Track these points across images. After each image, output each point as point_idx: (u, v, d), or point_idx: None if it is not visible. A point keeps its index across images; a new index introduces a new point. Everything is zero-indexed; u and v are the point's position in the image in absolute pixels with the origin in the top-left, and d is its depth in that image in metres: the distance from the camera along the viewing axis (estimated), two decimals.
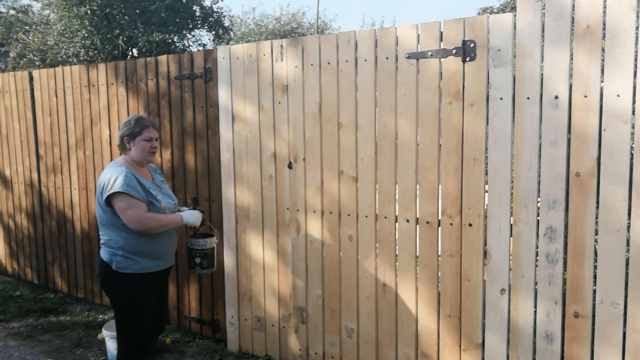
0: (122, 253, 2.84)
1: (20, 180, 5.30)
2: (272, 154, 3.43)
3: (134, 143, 2.94)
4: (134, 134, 2.95)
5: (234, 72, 3.55)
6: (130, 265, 2.84)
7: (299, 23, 21.17)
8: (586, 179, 2.44)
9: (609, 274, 2.43)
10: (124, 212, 2.79)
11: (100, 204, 2.89)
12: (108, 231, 2.90)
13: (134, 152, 2.95)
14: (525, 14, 2.51)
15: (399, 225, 3.00)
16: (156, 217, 2.88)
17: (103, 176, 2.91)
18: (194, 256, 3.14)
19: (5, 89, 5.28)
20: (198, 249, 3.13)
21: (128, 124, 2.98)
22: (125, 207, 2.78)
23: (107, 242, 2.90)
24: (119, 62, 4.31)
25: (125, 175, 2.83)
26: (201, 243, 3.13)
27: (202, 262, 3.15)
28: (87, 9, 9.41)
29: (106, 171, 2.93)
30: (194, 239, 3.14)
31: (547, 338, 2.60)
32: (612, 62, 2.34)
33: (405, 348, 3.03)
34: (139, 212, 2.80)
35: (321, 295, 3.34)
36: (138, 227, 2.80)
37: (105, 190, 2.82)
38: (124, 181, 2.80)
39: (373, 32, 2.96)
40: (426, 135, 2.83)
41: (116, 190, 2.78)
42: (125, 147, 2.96)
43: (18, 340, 4.12)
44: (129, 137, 2.95)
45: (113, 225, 2.88)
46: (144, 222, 2.81)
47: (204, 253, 3.14)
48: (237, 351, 3.78)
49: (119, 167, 2.89)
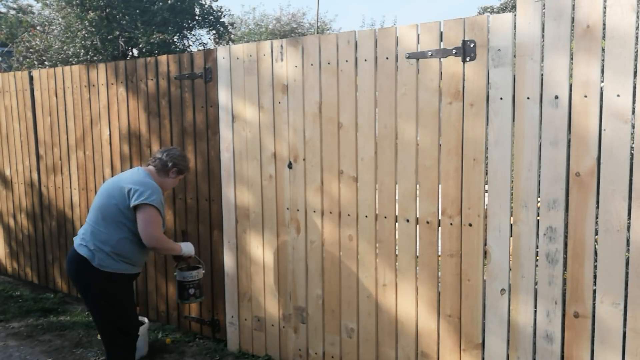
0: (108, 250, 2.94)
1: (20, 180, 5.30)
2: (272, 154, 3.43)
3: (175, 176, 3.23)
4: (181, 170, 3.25)
5: (234, 72, 3.55)
6: (111, 265, 2.96)
7: (299, 23, 21.18)
8: (586, 179, 2.43)
9: (609, 274, 2.43)
10: (147, 225, 2.95)
11: (119, 202, 2.97)
12: (107, 226, 2.97)
13: (170, 181, 3.22)
14: (525, 13, 2.51)
15: (399, 225, 2.99)
16: (168, 241, 3.15)
17: (135, 179, 3.05)
18: (187, 288, 3.33)
19: (5, 89, 5.28)
20: (191, 281, 3.34)
21: (185, 159, 3.28)
22: (151, 221, 2.96)
23: (97, 235, 2.95)
24: (119, 62, 4.31)
25: (160, 193, 3.07)
26: (194, 275, 3.34)
27: (196, 292, 3.36)
28: (87, 10, 9.41)
29: (139, 177, 3.08)
30: (186, 271, 3.34)
31: (547, 338, 2.60)
32: (612, 62, 2.34)
33: (405, 348, 3.03)
34: (159, 231, 3.01)
35: (321, 295, 3.34)
36: (152, 242, 2.98)
37: (138, 195, 2.94)
38: (159, 198, 3.02)
39: (373, 32, 2.96)
40: (426, 135, 2.83)
41: (150, 203, 2.95)
42: (167, 173, 3.19)
43: (18, 340, 4.12)
44: (177, 170, 3.21)
45: (116, 223, 2.97)
46: (160, 241, 3.03)
47: (196, 284, 3.36)
48: (237, 351, 3.78)
49: (152, 182, 3.08)
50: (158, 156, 3.21)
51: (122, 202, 2.97)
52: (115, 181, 3.10)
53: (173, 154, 3.20)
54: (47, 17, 11.46)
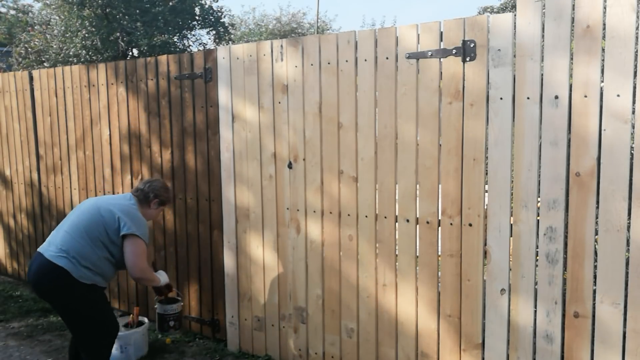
0: (88, 265, 2.96)
1: (20, 180, 5.30)
2: (272, 154, 3.43)
3: (157, 207, 3.29)
4: (163, 201, 3.31)
5: (234, 72, 3.55)
6: (90, 277, 2.98)
7: (299, 23, 21.20)
8: (586, 179, 2.44)
9: (609, 274, 2.43)
10: (135, 256, 3.03)
11: (107, 224, 3.02)
12: (90, 243, 3.00)
13: (151, 212, 3.28)
14: (525, 13, 2.51)
15: (399, 225, 2.99)
16: (152, 273, 3.26)
17: (127, 209, 3.11)
18: (168, 320, 3.48)
19: (5, 89, 5.28)
20: (172, 314, 3.48)
21: (167, 191, 3.35)
22: (139, 253, 3.04)
23: (79, 250, 2.97)
24: (119, 62, 4.31)
25: (147, 225, 3.16)
26: (174, 307, 3.50)
27: (175, 324, 3.51)
28: (85, 8, 9.41)
29: (131, 208, 3.13)
30: (167, 304, 3.48)
31: (547, 338, 2.60)
32: (612, 62, 2.34)
33: (405, 348, 3.03)
34: (145, 263, 3.10)
35: (321, 295, 3.34)
36: (138, 273, 3.07)
37: (129, 226, 3.01)
38: (147, 232, 3.12)
39: (373, 32, 2.96)
40: (426, 135, 2.83)
41: (140, 235, 3.04)
42: (149, 204, 3.25)
43: (18, 340, 4.12)
44: (159, 201, 3.28)
45: (100, 242, 3.01)
46: (145, 272, 3.12)
47: (176, 316, 3.51)
48: (237, 351, 3.78)
49: (139, 214, 3.16)
50: (140, 187, 3.27)
51: (111, 225, 3.02)
52: (106, 202, 3.13)
53: (155, 186, 3.26)
54: (46, 16, 11.47)
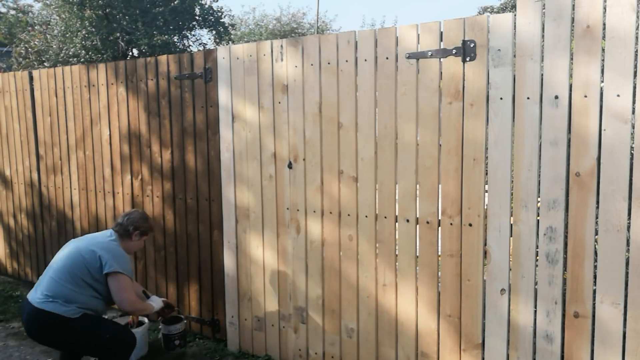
0: (76, 306, 3.02)
1: (20, 180, 5.30)
2: (272, 154, 3.43)
3: (139, 238, 3.32)
4: (144, 232, 3.34)
5: (234, 72, 3.55)
6: (80, 311, 3.04)
7: (299, 23, 21.20)
8: (586, 179, 2.44)
9: (609, 274, 2.43)
10: (121, 292, 3.07)
11: (89, 264, 3.06)
12: (75, 285, 3.03)
13: (134, 244, 3.32)
14: (525, 13, 2.51)
15: (399, 225, 2.99)
16: (142, 303, 3.32)
17: (107, 246, 3.14)
18: (173, 339, 3.63)
19: (5, 89, 5.28)
20: (176, 333, 3.64)
21: (146, 220, 3.37)
22: (124, 288, 3.09)
23: (65, 293, 3.00)
24: (119, 62, 4.31)
25: (129, 261, 3.22)
26: (178, 327, 3.66)
27: (180, 342, 3.67)
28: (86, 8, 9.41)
29: (111, 245, 3.17)
30: (171, 325, 3.64)
31: (547, 338, 2.60)
32: (612, 62, 2.34)
33: (405, 348, 3.03)
34: (133, 296, 3.16)
35: (321, 295, 3.34)
36: (127, 307, 3.13)
37: (111, 264, 3.05)
38: (129, 266, 3.17)
39: (373, 32, 2.96)
40: (426, 135, 2.83)
41: (122, 272, 3.08)
42: (130, 237, 3.29)
43: (18, 340, 4.11)
44: (140, 232, 3.31)
45: (84, 282, 3.05)
46: (134, 305, 3.18)
47: (180, 335, 3.67)
48: (237, 351, 3.78)
49: (122, 251, 3.22)
50: (119, 222, 3.31)
51: (93, 265, 3.06)
52: (87, 242, 3.18)
53: (133, 218, 3.30)
54: (46, 16, 11.47)
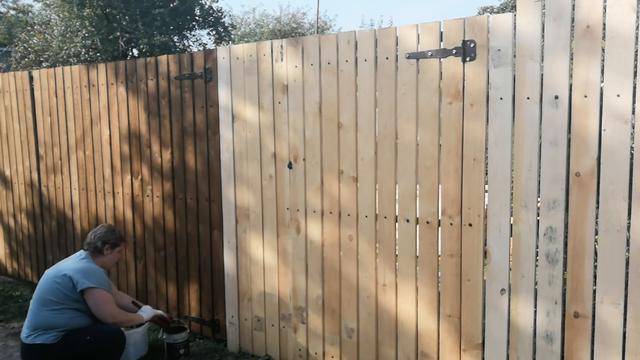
0: (61, 330, 3.08)
1: (20, 180, 5.30)
2: (272, 154, 3.43)
3: (111, 251, 3.39)
4: (115, 244, 3.39)
5: (234, 72, 3.55)
6: (60, 335, 3.11)
7: (299, 23, 21.21)
8: (586, 179, 2.44)
9: (609, 274, 2.43)
10: (99, 306, 3.12)
11: (62, 286, 3.11)
12: (55, 313, 3.09)
13: (108, 258, 3.38)
14: (525, 13, 2.51)
15: (399, 225, 2.99)
16: (126, 314, 3.34)
17: (76, 266, 3.19)
18: (177, 349, 3.63)
19: (5, 89, 5.28)
20: (180, 342, 3.64)
21: (113, 232, 3.40)
22: (102, 302, 3.12)
23: (46, 323, 3.08)
24: (119, 62, 4.31)
25: (102, 273, 3.27)
26: (182, 336, 3.66)
27: (184, 351, 3.67)
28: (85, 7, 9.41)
29: (80, 264, 3.23)
30: (175, 334, 3.65)
31: (547, 338, 2.60)
32: (612, 62, 2.34)
33: (405, 348, 3.03)
34: (113, 308, 3.20)
35: (321, 295, 3.34)
36: (110, 320, 3.17)
37: (82, 282, 3.10)
38: (102, 279, 3.21)
39: (373, 32, 2.96)
40: (426, 135, 2.83)
41: (95, 286, 3.11)
42: (102, 252, 3.34)
43: (18, 340, 4.10)
44: (110, 245, 3.36)
45: (63, 305, 3.10)
46: (117, 317, 3.21)
47: (184, 344, 3.67)
48: (237, 351, 3.78)
49: (93, 265, 3.25)
50: (87, 241, 3.37)
51: (67, 286, 3.12)
52: (58, 269, 3.25)
53: (99, 234, 3.36)
54: (46, 16, 11.46)
